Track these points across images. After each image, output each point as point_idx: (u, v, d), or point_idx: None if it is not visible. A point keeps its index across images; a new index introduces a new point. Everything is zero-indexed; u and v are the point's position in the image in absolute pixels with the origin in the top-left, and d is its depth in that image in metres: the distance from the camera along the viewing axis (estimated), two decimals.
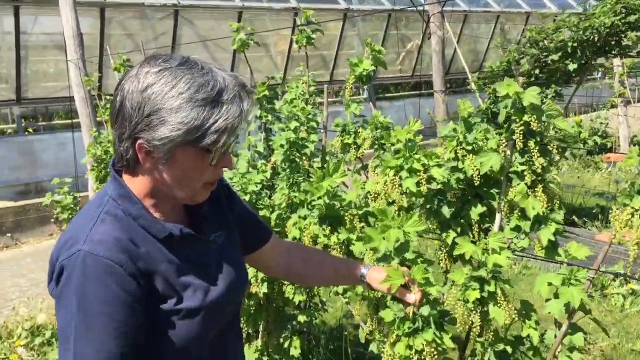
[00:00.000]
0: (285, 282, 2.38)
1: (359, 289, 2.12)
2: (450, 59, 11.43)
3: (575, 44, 4.36)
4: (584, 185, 6.80)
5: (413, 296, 1.46)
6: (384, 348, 1.66)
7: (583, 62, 4.48)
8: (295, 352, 2.62)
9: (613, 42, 4.47)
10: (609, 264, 3.78)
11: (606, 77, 8.16)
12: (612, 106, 8.21)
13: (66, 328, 1.10)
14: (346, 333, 3.69)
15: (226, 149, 1.16)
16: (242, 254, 1.44)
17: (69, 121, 9.54)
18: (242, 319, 2.71)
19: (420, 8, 5.96)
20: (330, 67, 10.24)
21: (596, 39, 4.24)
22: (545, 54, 4.62)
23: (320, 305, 2.58)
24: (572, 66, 4.40)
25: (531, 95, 1.66)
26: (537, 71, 4.77)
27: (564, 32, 4.48)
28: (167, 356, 1.20)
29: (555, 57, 4.50)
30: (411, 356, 1.56)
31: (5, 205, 7.54)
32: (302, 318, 2.48)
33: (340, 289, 2.38)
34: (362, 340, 2.21)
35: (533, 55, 4.67)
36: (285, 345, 2.65)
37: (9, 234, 7.46)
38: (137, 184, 1.19)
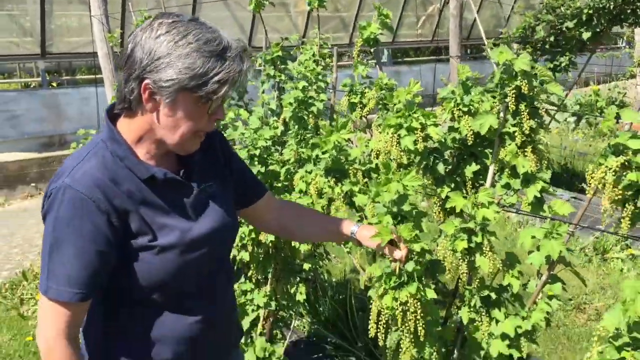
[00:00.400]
0: None
1: None
2: (471, 25, 11.34)
3: (590, 12, 4.38)
4: (596, 154, 6.86)
5: (399, 252, 1.60)
6: None
7: (598, 30, 4.51)
8: (300, 297, 2.81)
9: (629, 11, 4.48)
10: (607, 228, 3.90)
11: (627, 47, 8.10)
12: (632, 76, 8.17)
13: (45, 247, 1.27)
14: (353, 287, 3.89)
15: (221, 102, 1.29)
16: (236, 206, 1.57)
17: (92, 76, 9.72)
18: (251, 266, 2.90)
19: None
20: (350, 30, 10.24)
21: (612, 6, 4.26)
22: (560, 21, 4.65)
23: (324, 254, 2.75)
24: (586, 34, 4.43)
25: (522, 62, 1.76)
26: (552, 38, 4.80)
27: None
28: (145, 290, 1.35)
29: (570, 24, 4.53)
30: (396, 307, 1.72)
31: (29, 156, 7.80)
32: (307, 266, 2.66)
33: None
34: (362, 287, 2.38)
35: (549, 22, 4.70)
36: (292, 291, 2.84)
37: (33, 184, 7.74)
38: (133, 127, 1.32)
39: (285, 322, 3.19)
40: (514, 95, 1.82)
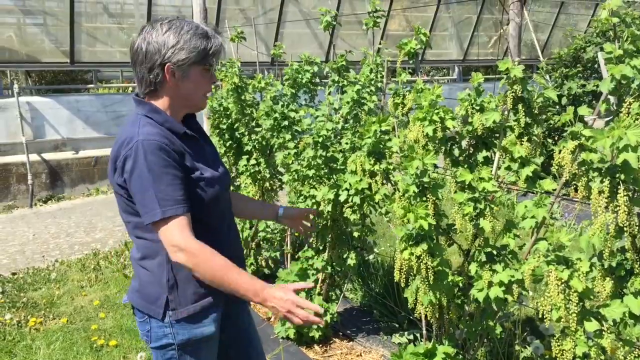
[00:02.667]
0: (345, 205, 3.18)
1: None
2: (544, 45, 11.61)
3: None
4: None
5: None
6: None
7: None
8: (351, 262, 3.43)
9: None
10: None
11: None
12: None
13: (145, 187, 1.66)
14: None
15: (214, 69, 1.87)
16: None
17: None
18: (313, 235, 3.55)
19: None
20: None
21: None
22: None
23: (371, 225, 3.37)
24: None
25: (517, 71, 2.34)
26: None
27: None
28: (197, 212, 1.77)
29: None
30: (413, 260, 2.34)
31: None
32: (356, 233, 3.29)
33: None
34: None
35: (597, 44, 5.10)
36: (345, 256, 3.47)
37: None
38: (159, 103, 1.79)
39: (339, 285, 3.82)
40: (512, 97, 2.39)
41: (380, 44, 3.81)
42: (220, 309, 1.93)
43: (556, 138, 6.23)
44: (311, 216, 2.50)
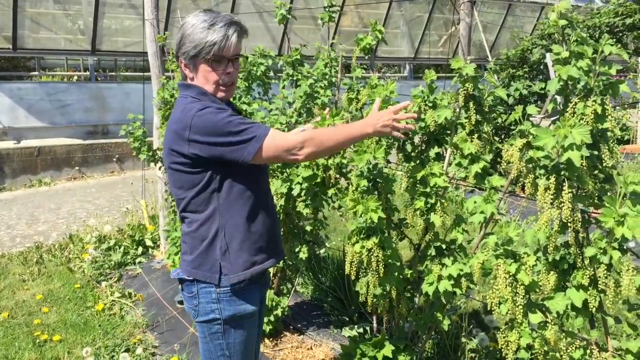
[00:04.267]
0: (297, 198, 3.19)
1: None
2: (492, 45, 11.90)
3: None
4: None
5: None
6: None
7: None
8: (303, 255, 3.44)
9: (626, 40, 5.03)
10: None
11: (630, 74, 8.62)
12: (634, 103, 8.64)
13: (224, 134, 1.81)
14: None
15: (227, 61, 1.92)
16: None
17: (136, 74, 10.51)
18: None
19: None
20: None
21: (597, 36, 4.82)
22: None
23: (324, 219, 3.38)
24: None
25: (469, 69, 2.39)
26: (546, 60, 5.37)
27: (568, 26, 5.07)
28: (243, 182, 1.94)
29: None
30: (364, 252, 2.36)
31: (75, 142, 8.61)
32: (308, 227, 3.30)
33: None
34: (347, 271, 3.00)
35: (543, 46, 5.28)
36: (296, 250, 3.48)
37: (77, 168, 8.53)
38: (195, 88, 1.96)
39: (291, 279, 3.82)
40: (463, 94, 2.45)
41: (333, 39, 3.82)
42: (261, 288, 2.08)
43: (502, 136, 6.41)
44: None
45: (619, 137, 8.62)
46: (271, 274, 3.68)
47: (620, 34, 4.91)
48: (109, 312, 4.09)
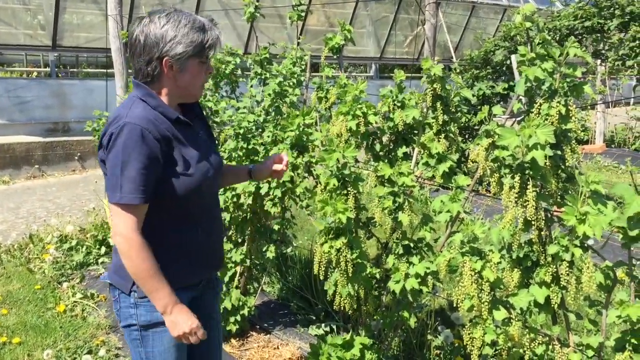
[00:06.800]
0: (265, 197, 3.17)
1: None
2: (456, 46, 12.07)
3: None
4: None
5: (280, 166, 2.27)
6: None
7: None
8: (270, 255, 3.43)
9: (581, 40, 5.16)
10: None
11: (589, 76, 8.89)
12: (593, 104, 8.90)
13: (115, 168, 1.72)
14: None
15: (209, 61, 1.90)
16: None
17: (99, 70, 10.31)
18: (232, 228, 3.52)
19: None
20: None
21: (557, 38, 4.94)
22: (516, 47, 5.34)
23: (291, 218, 3.38)
24: None
25: (437, 69, 2.42)
26: (509, 62, 5.48)
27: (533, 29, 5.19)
28: (177, 201, 1.84)
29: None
30: (332, 252, 2.37)
31: (35, 140, 8.40)
32: (276, 226, 3.29)
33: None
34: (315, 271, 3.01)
35: (506, 48, 5.38)
36: (264, 249, 3.47)
37: (37, 166, 8.32)
38: (155, 91, 1.84)
39: (257, 278, 3.81)
40: (431, 95, 2.48)
41: (299, 38, 3.82)
42: (187, 296, 1.96)
43: (466, 136, 6.51)
44: (284, 157, 2.35)
45: (579, 137, 8.84)
46: (237, 274, 3.66)
47: (580, 37, 5.04)
48: (70, 314, 4.00)
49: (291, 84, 3.08)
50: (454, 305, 2.11)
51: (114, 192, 1.74)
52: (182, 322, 1.80)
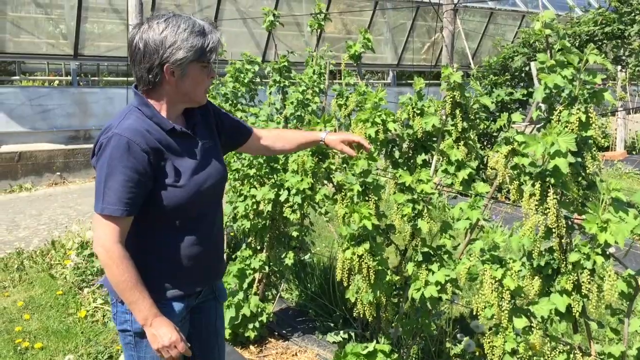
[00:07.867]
0: (285, 204, 3.19)
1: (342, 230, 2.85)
2: (473, 53, 12.03)
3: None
4: None
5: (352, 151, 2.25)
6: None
7: None
8: (288, 261, 3.45)
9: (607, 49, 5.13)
10: None
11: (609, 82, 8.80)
12: (614, 111, 8.81)
13: (100, 178, 1.71)
14: (335, 269, 4.50)
15: (211, 65, 1.88)
16: (236, 147, 2.19)
17: (119, 78, 10.44)
18: (251, 234, 3.55)
19: (435, 0, 6.66)
20: None
21: (577, 44, 4.91)
22: (535, 53, 5.31)
23: (310, 225, 3.40)
24: None
25: (457, 76, 2.42)
26: (527, 68, 5.46)
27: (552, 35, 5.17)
28: (168, 213, 1.81)
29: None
30: (355, 259, 2.38)
31: (57, 147, 8.52)
32: (295, 233, 3.31)
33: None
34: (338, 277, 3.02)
35: (525, 54, 5.36)
36: (283, 256, 3.48)
37: (58, 173, 8.44)
38: (156, 98, 1.81)
39: (276, 285, 3.83)
40: (450, 102, 2.48)
41: (317, 45, 3.84)
42: (182, 305, 1.93)
43: (485, 143, 6.48)
44: (355, 138, 2.29)
45: (600, 144, 8.75)
46: (256, 280, 3.68)
47: (600, 43, 5.00)
48: (91, 319, 4.05)
49: (312, 92, 3.11)
50: (474, 312, 2.10)
51: (97, 202, 1.73)
52: (162, 335, 1.78)
